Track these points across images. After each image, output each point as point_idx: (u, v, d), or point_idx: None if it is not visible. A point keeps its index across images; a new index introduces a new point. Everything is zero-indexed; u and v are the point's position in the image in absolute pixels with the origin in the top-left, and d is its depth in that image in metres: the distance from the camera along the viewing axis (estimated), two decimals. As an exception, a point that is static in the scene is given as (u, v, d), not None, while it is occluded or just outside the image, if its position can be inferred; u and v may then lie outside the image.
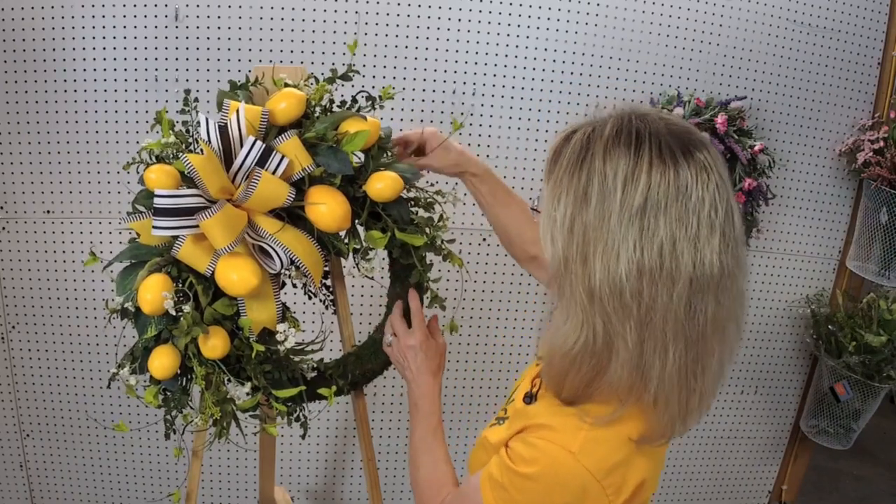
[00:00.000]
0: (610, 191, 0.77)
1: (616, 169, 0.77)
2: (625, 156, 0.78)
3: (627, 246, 0.76)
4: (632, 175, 0.77)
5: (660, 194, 0.76)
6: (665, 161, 0.77)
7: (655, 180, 0.76)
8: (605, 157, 0.79)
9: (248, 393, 1.20)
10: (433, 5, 1.86)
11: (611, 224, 0.77)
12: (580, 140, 0.82)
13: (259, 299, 1.21)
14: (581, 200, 0.78)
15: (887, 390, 2.15)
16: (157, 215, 1.10)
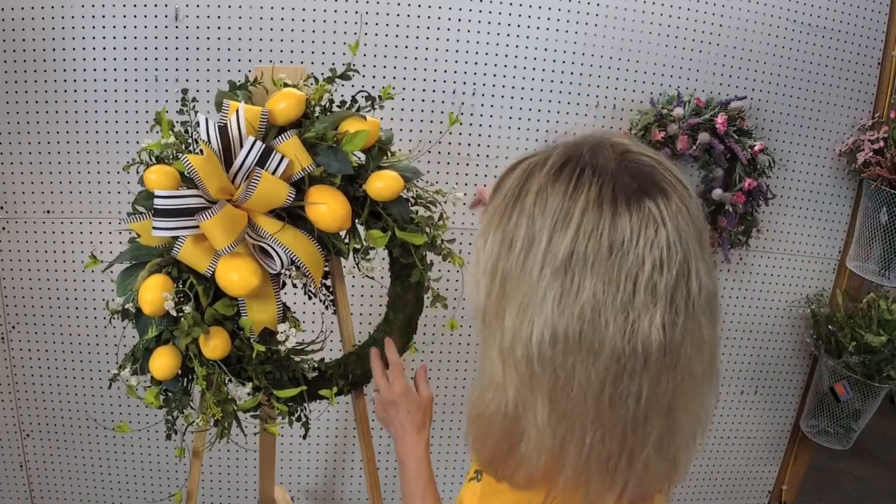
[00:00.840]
0: (535, 237, 0.64)
1: (545, 212, 0.64)
2: (559, 197, 0.64)
3: (545, 306, 0.63)
4: (562, 221, 0.63)
5: (588, 248, 0.62)
6: (602, 207, 0.62)
7: (586, 230, 0.62)
8: (537, 197, 0.65)
9: (249, 393, 1.20)
10: (433, 5, 1.86)
11: (531, 277, 0.64)
12: (522, 172, 0.69)
13: (259, 299, 1.21)
14: (507, 244, 0.66)
15: (887, 390, 2.15)
16: (157, 216, 1.10)
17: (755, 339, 2.30)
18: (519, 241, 0.65)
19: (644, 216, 0.62)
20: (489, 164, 2.00)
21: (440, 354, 2.13)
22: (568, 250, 0.63)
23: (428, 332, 1.94)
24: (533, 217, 0.65)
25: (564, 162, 0.66)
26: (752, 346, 2.31)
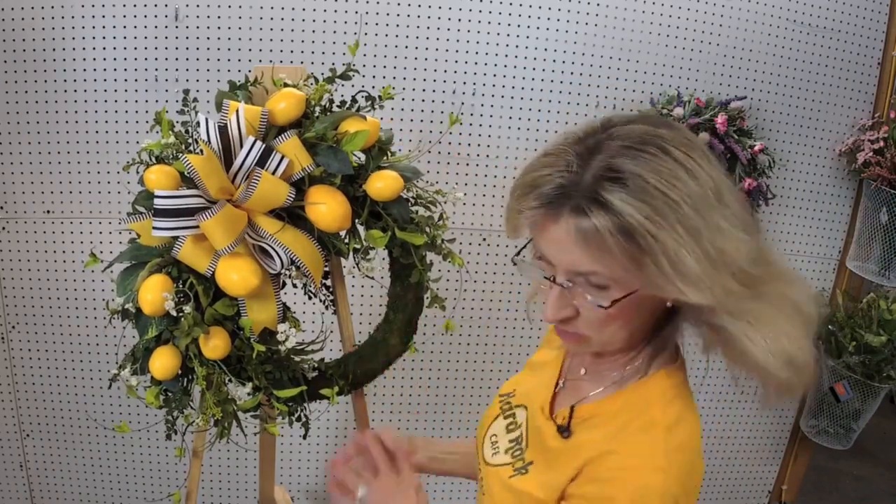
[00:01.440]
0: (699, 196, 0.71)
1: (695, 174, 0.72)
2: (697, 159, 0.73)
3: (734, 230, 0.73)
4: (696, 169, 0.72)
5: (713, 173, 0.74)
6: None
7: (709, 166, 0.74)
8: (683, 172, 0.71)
9: (249, 393, 1.20)
10: (433, 5, 1.86)
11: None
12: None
13: (259, 299, 1.21)
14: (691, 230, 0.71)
15: (887, 390, 2.14)
16: (157, 216, 1.10)
17: (755, 339, 2.30)
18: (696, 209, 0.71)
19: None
20: (489, 164, 2.00)
21: (440, 354, 2.13)
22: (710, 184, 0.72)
23: (428, 333, 1.94)
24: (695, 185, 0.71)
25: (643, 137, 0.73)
26: (752, 346, 2.30)
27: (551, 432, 0.88)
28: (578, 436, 0.85)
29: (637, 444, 0.78)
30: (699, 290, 0.70)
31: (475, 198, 2.02)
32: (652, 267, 0.69)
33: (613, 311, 0.75)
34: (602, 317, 0.76)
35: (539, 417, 0.92)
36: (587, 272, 0.73)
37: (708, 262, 0.70)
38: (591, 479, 0.79)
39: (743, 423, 2.38)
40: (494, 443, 0.98)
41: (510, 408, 1.00)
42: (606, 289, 0.74)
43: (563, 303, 0.77)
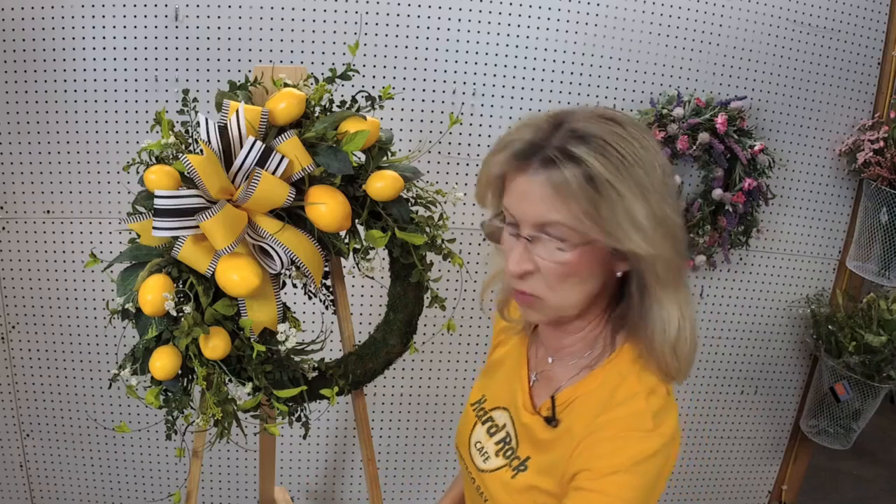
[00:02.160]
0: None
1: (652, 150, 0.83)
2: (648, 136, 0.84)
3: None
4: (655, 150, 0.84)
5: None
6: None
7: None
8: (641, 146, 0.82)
9: (249, 393, 1.20)
10: (433, 5, 1.86)
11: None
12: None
13: (260, 299, 1.21)
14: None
15: (887, 390, 2.15)
16: (157, 216, 1.10)
17: (755, 339, 2.30)
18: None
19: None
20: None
21: (440, 354, 2.13)
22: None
23: (428, 333, 1.94)
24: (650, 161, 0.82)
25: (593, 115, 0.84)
26: (752, 346, 2.30)
27: (540, 425, 0.92)
28: (566, 421, 0.89)
29: (625, 415, 0.84)
30: (646, 241, 0.79)
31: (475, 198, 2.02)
32: (609, 212, 0.78)
33: (572, 260, 0.81)
34: (559, 270, 0.82)
35: (524, 415, 0.95)
36: (550, 222, 0.81)
37: (654, 220, 0.79)
38: (590, 455, 0.84)
39: (743, 423, 2.38)
40: (481, 449, 1.00)
41: (485, 413, 1.02)
42: (566, 241, 0.81)
43: (525, 256, 0.83)
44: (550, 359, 0.96)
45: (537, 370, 0.98)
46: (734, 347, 2.29)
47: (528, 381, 0.98)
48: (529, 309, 0.88)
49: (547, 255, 0.82)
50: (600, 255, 0.83)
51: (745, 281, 2.23)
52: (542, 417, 0.92)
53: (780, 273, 2.25)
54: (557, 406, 0.91)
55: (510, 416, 0.98)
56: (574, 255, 0.81)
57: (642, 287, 0.85)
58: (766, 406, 2.38)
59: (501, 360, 1.05)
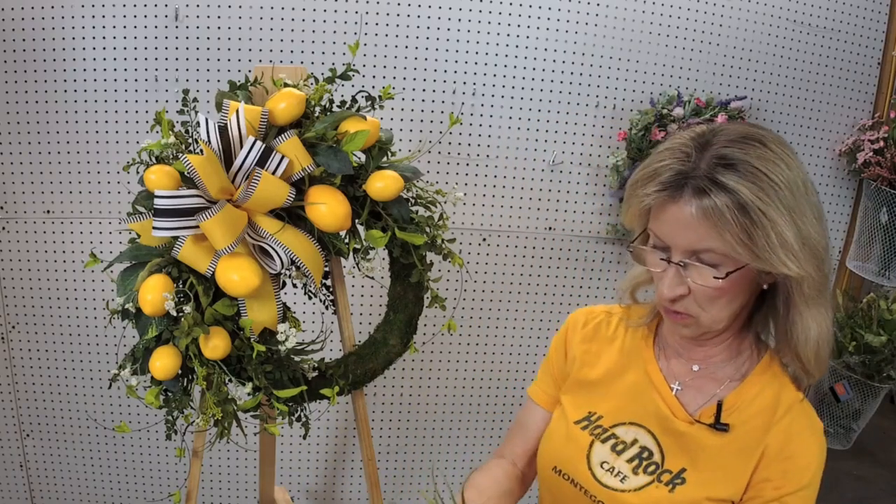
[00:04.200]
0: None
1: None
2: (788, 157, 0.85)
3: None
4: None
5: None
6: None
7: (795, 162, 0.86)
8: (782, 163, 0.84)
9: (249, 393, 1.20)
10: (433, 5, 1.86)
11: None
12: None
13: (260, 299, 1.21)
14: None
15: (887, 390, 2.15)
16: (157, 216, 1.10)
17: (755, 339, 2.30)
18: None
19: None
20: (489, 164, 2.00)
21: (440, 354, 2.13)
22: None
23: (428, 333, 1.94)
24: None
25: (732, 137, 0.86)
26: (752, 346, 2.30)
27: (704, 433, 0.94)
28: (736, 427, 0.93)
29: (800, 418, 0.92)
30: (797, 262, 0.82)
31: (475, 198, 2.02)
32: (761, 239, 0.80)
33: (724, 284, 0.84)
34: (712, 292, 0.85)
35: (678, 425, 0.95)
36: (702, 249, 0.83)
37: (801, 240, 0.82)
38: (781, 458, 0.90)
39: (743, 423, 2.38)
40: (611, 469, 0.97)
41: (604, 431, 1.00)
42: (718, 266, 0.84)
43: (678, 280, 0.86)
44: (696, 366, 0.98)
45: (680, 379, 0.98)
46: (734, 347, 2.29)
47: (672, 391, 0.98)
48: (684, 327, 0.92)
49: (701, 281, 0.85)
50: (750, 275, 0.86)
51: (745, 281, 2.23)
52: (707, 425, 0.93)
53: (780, 273, 2.25)
54: (724, 411, 0.93)
55: (647, 430, 0.97)
56: (727, 280, 0.84)
57: (788, 303, 0.89)
58: (766, 406, 2.38)
59: (608, 376, 1.03)
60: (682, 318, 0.90)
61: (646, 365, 1.01)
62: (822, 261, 0.86)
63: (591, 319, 1.09)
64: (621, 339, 1.05)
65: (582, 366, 1.06)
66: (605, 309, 1.10)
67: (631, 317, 1.06)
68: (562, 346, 1.10)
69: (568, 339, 1.09)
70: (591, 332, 1.08)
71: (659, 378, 0.99)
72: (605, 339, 1.06)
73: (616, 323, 1.07)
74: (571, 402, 1.05)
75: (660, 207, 0.86)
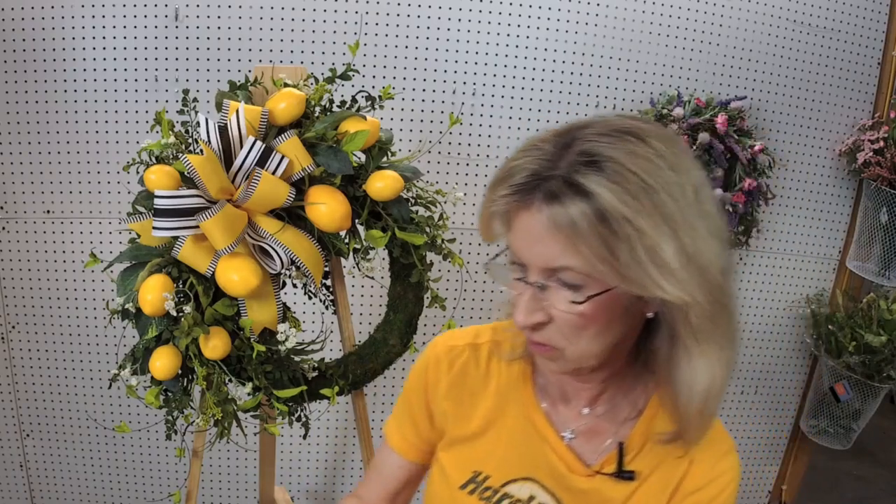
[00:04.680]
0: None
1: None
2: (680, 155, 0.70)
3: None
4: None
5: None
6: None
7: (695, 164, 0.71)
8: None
9: (249, 393, 1.20)
10: (433, 5, 1.86)
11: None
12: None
13: (260, 299, 1.21)
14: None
15: (887, 390, 2.14)
16: (157, 216, 1.10)
17: (755, 338, 2.30)
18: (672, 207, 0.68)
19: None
20: (489, 164, 2.00)
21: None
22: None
23: (428, 333, 1.94)
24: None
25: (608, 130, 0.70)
26: (752, 346, 2.30)
27: (607, 485, 0.81)
28: (643, 471, 0.81)
29: (708, 445, 0.80)
30: (675, 285, 0.66)
31: (475, 198, 2.02)
32: (627, 255, 0.65)
33: (588, 311, 0.69)
34: (576, 321, 0.70)
35: (576, 480, 0.82)
36: (560, 267, 0.68)
37: (685, 258, 0.66)
38: (694, 492, 0.80)
39: (743, 423, 2.38)
40: None
41: (495, 492, 0.85)
42: (581, 288, 0.69)
43: (535, 305, 0.71)
44: (586, 410, 0.83)
45: (571, 426, 0.84)
46: (734, 347, 2.29)
47: (563, 441, 0.84)
48: (548, 360, 0.77)
49: (559, 306, 0.70)
50: (623, 301, 0.70)
51: (744, 281, 2.23)
52: (610, 475, 0.81)
53: (780, 273, 2.25)
54: (626, 458, 0.81)
55: (541, 485, 0.84)
56: (590, 305, 0.69)
57: (673, 338, 0.72)
58: (766, 406, 2.38)
59: (487, 426, 0.87)
60: (546, 349, 0.74)
61: (528, 411, 0.85)
62: (718, 287, 0.69)
63: (456, 358, 0.89)
64: (495, 378, 0.88)
65: (456, 421, 0.89)
66: (470, 341, 0.90)
67: (503, 345, 0.88)
68: (422, 391, 0.91)
69: (430, 386, 0.90)
70: (457, 377, 0.89)
71: (545, 427, 0.84)
72: (476, 384, 0.88)
73: (486, 358, 0.89)
74: (452, 462, 0.89)
75: (514, 216, 0.70)
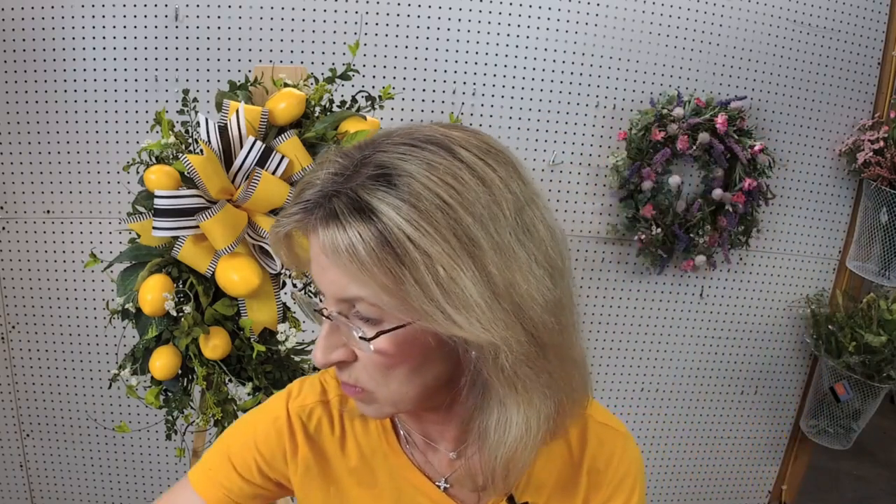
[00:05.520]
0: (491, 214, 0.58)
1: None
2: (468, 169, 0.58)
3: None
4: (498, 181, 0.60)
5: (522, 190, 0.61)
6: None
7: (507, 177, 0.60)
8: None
9: (249, 393, 1.20)
10: (433, 5, 1.86)
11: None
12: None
13: (260, 299, 1.21)
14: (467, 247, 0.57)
15: (887, 390, 2.15)
16: (157, 216, 1.10)
17: (755, 339, 2.30)
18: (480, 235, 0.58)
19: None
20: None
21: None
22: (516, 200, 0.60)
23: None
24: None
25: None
26: (752, 346, 2.30)
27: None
28: (536, 498, 0.74)
29: (594, 442, 0.76)
30: (478, 323, 0.56)
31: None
32: (413, 284, 0.55)
33: (385, 348, 0.60)
34: (378, 361, 0.61)
35: None
36: (351, 298, 0.59)
37: (489, 290, 0.56)
38: (602, 501, 0.76)
39: (743, 423, 2.38)
40: None
41: None
42: (379, 322, 0.59)
43: (334, 341, 0.63)
44: (453, 454, 0.74)
45: (444, 475, 0.75)
46: (734, 347, 2.29)
47: (440, 491, 0.75)
48: (361, 403, 0.67)
49: (354, 342, 0.61)
50: (430, 340, 0.60)
51: (745, 281, 2.23)
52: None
53: (780, 273, 2.25)
54: (515, 492, 0.74)
55: None
56: (384, 342, 0.59)
57: (481, 382, 0.62)
58: (766, 406, 2.38)
59: (351, 491, 0.77)
60: (356, 392, 0.65)
61: (397, 467, 0.76)
62: (541, 326, 0.58)
63: (309, 419, 0.77)
64: (352, 438, 0.77)
65: (326, 487, 0.78)
66: (318, 397, 0.78)
67: (349, 400, 0.76)
68: (270, 455, 0.77)
69: (286, 454, 0.77)
70: (314, 443, 0.78)
71: (419, 479, 0.75)
72: (334, 449, 0.77)
73: (338, 417, 0.78)
74: None
75: (309, 240, 0.61)
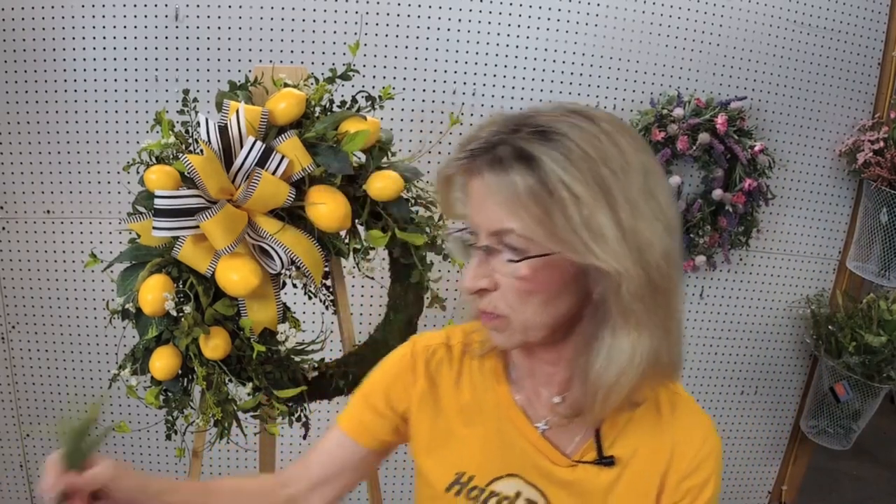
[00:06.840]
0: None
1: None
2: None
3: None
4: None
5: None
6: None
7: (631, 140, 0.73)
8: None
9: (249, 393, 1.20)
10: (433, 5, 1.86)
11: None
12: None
13: (260, 299, 1.21)
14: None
15: (887, 390, 2.15)
16: (157, 216, 1.10)
17: (755, 339, 2.30)
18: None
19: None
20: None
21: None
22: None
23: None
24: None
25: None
26: (752, 346, 2.30)
27: (591, 475, 0.81)
28: (624, 455, 0.81)
29: (688, 424, 0.81)
30: (607, 253, 0.68)
31: (475, 198, 2.02)
32: (563, 218, 0.67)
33: (527, 274, 0.71)
34: (520, 286, 0.72)
35: (559, 472, 0.82)
36: (504, 230, 0.71)
37: (619, 230, 0.68)
38: (682, 478, 0.80)
39: (743, 423, 2.38)
40: None
41: (481, 491, 0.84)
42: (524, 252, 0.71)
43: (482, 270, 0.73)
44: (558, 398, 0.82)
45: (545, 417, 0.83)
46: (734, 347, 2.29)
47: (539, 433, 0.83)
48: (494, 331, 0.76)
49: (500, 269, 0.72)
50: (567, 271, 0.71)
51: (745, 281, 2.23)
52: (591, 462, 0.81)
53: (780, 273, 2.25)
54: (604, 444, 0.81)
55: (525, 481, 0.83)
56: (528, 268, 0.70)
57: (603, 310, 0.72)
58: (766, 406, 2.38)
59: (464, 425, 0.86)
60: (491, 318, 0.75)
61: (503, 406, 0.85)
62: (656, 269, 0.69)
63: (432, 357, 0.89)
64: (468, 376, 0.87)
65: (432, 422, 0.88)
66: (443, 340, 0.90)
67: (473, 345, 0.88)
68: (396, 387, 0.89)
69: (407, 385, 0.89)
70: (433, 376, 0.88)
71: (521, 419, 0.84)
72: (450, 384, 0.88)
73: (458, 358, 0.88)
74: (432, 467, 0.87)
75: (468, 184, 0.74)
